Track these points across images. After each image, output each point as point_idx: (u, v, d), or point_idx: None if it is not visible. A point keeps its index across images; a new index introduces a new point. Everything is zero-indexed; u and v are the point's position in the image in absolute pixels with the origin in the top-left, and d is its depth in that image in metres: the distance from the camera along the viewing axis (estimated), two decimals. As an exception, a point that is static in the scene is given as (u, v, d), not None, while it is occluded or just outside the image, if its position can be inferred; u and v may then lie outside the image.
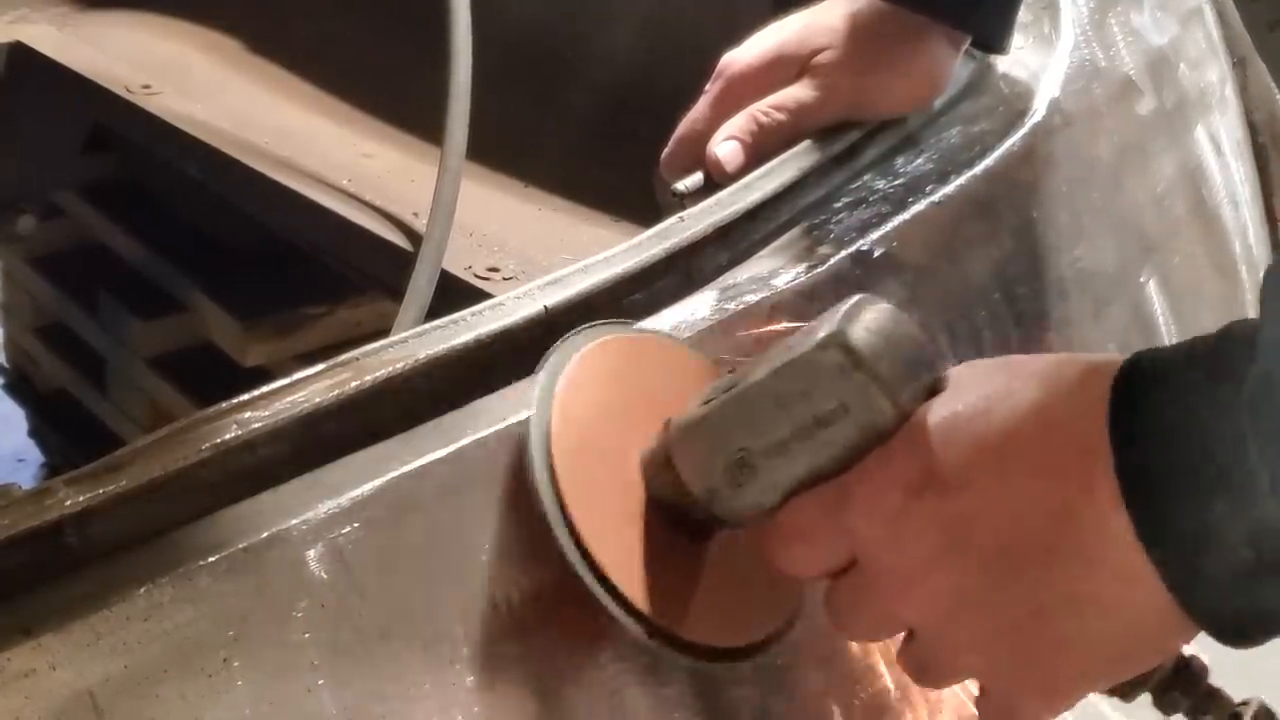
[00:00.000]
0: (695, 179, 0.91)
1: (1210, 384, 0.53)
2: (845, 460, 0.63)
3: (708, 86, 0.95)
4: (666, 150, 0.95)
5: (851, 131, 0.94)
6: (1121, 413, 0.55)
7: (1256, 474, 0.51)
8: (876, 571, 0.61)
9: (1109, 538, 0.55)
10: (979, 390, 0.60)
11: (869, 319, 0.63)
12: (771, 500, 0.65)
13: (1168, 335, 1.07)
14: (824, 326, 0.63)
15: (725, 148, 0.91)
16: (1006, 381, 0.60)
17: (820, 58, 0.92)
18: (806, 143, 0.91)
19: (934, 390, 0.63)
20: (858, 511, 0.61)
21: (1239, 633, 0.56)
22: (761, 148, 0.91)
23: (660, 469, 0.68)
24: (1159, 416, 0.54)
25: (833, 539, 0.63)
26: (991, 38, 0.98)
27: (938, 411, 0.60)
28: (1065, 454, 0.56)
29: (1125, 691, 0.64)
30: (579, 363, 0.71)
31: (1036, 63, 1.09)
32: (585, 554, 0.67)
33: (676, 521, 0.69)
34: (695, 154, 0.93)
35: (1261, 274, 0.55)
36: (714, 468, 0.66)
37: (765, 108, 0.91)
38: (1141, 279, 1.07)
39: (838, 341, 0.62)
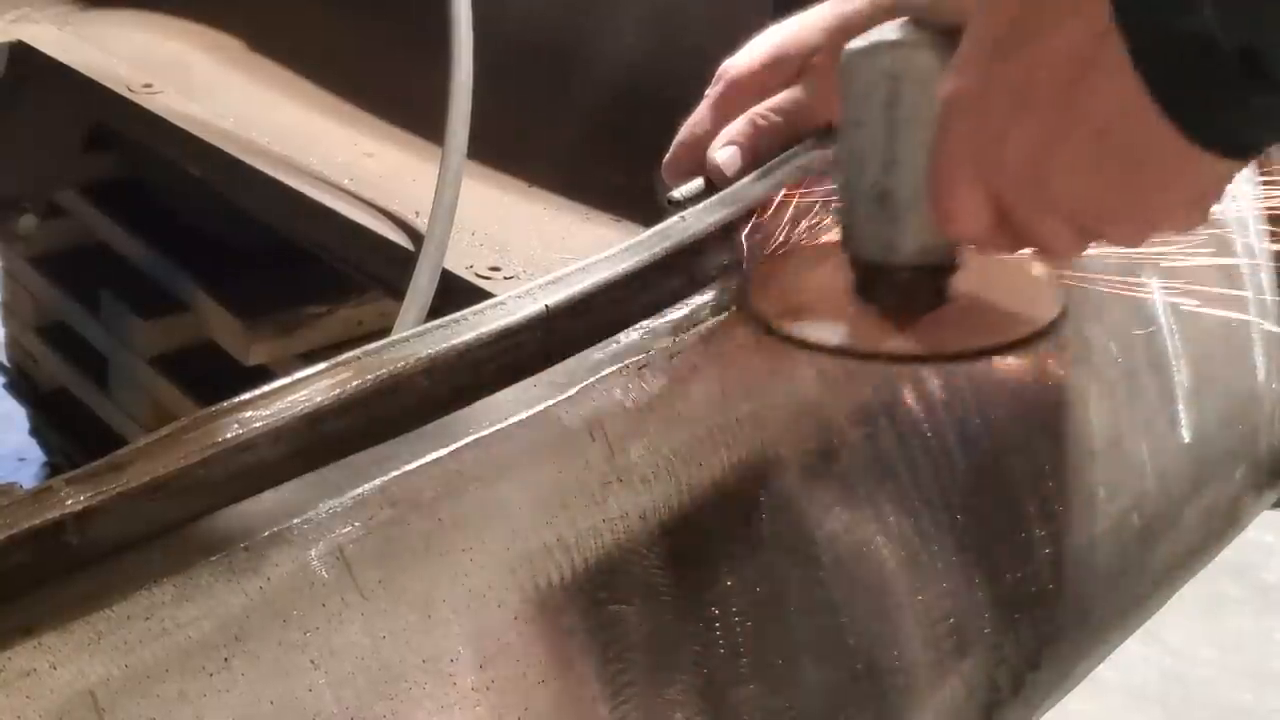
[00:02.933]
0: (693, 185, 0.91)
1: None
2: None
3: (707, 91, 0.95)
4: (667, 156, 0.95)
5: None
6: None
7: None
8: (997, 151, 0.65)
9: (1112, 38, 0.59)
10: None
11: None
12: (923, 204, 0.70)
13: (1168, 335, 1.07)
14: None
15: (724, 153, 0.91)
16: None
17: (817, 59, 0.92)
18: (807, 142, 0.91)
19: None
20: (965, 112, 0.66)
21: (1230, 139, 0.60)
22: (760, 151, 0.91)
23: (860, 271, 0.76)
24: None
25: (965, 159, 0.67)
26: None
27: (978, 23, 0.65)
28: None
29: None
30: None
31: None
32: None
33: (906, 302, 0.76)
34: (696, 159, 0.93)
35: (1262, 274, 0.56)
36: (872, 223, 0.73)
37: (763, 111, 0.91)
38: (1142, 276, 1.07)
39: (844, 51, 0.72)
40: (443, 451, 0.69)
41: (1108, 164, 0.63)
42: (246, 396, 0.68)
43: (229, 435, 0.65)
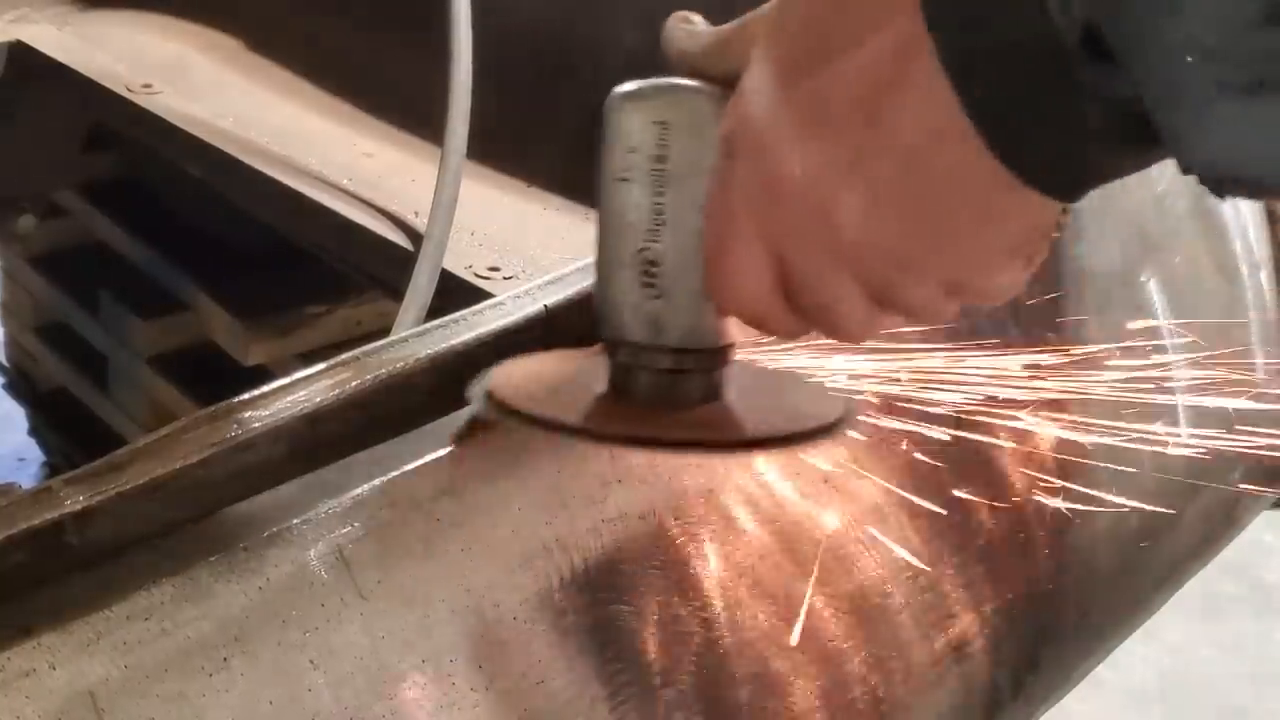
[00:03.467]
0: None
1: None
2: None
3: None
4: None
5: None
6: None
7: None
8: (778, 193, 0.56)
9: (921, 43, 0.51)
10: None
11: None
12: (695, 276, 0.61)
13: (1169, 334, 1.07)
14: None
15: None
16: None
17: None
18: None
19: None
20: (743, 157, 0.57)
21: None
22: None
23: (622, 359, 0.64)
24: None
25: (745, 222, 0.58)
26: None
27: (763, 45, 0.57)
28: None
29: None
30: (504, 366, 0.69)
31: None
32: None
33: (668, 396, 0.64)
34: None
35: (1262, 274, 0.53)
36: (634, 298, 0.62)
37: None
38: (1142, 278, 1.07)
39: (610, 97, 0.62)
40: (442, 451, 0.69)
41: (910, 200, 0.54)
42: (246, 397, 0.68)
43: (228, 435, 0.65)
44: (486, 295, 0.80)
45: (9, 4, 1.69)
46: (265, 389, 0.68)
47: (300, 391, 0.68)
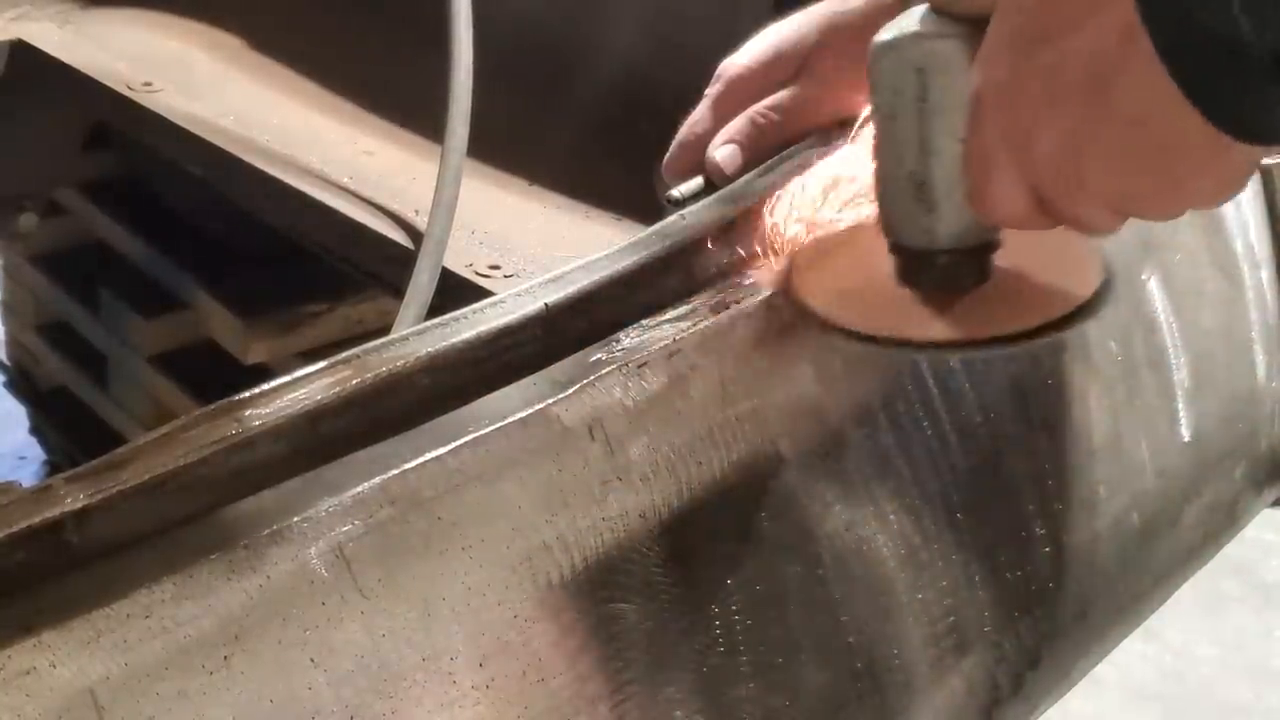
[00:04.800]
0: (692, 184, 0.91)
1: None
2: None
3: (707, 90, 0.95)
4: (668, 155, 0.95)
5: (853, 128, 0.94)
6: None
7: None
8: (1032, 136, 0.66)
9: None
10: None
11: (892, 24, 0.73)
12: (960, 191, 0.71)
13: (1169, 334, 1.07)
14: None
15: (723, 152, 0.91)
16: None
17: (816, 56, 0.92)
18: (809, 140, 0.91)
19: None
20: (997, 103, 0.66)
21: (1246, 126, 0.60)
22: (760, 149, 0.91)
23: (901, 258, 0.76)
24: None
25: (999, 148, 0.67)
26: None
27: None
28: None
29: None
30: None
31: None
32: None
33: (948, 284, 0.76)
34: (696, 158, 0.93)
35: (1263, 273, 0.56)
36: (910, 212, 0.73)
37: (762, 109, 0.91)
38: (1143, 277, 1.07)
39: (871, 46, 0.73)
40: (442, 450, 0.69)
41: (1140, 156, 0.64)
42: (246, 395, 0.68)
43: (228, 433, 0.65)
44: (487, 294, 0.80)
45: (10, 2, 1.69)
46: (265, 387, 0.68)
47: (301, 390, 0.68)
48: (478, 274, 1.22)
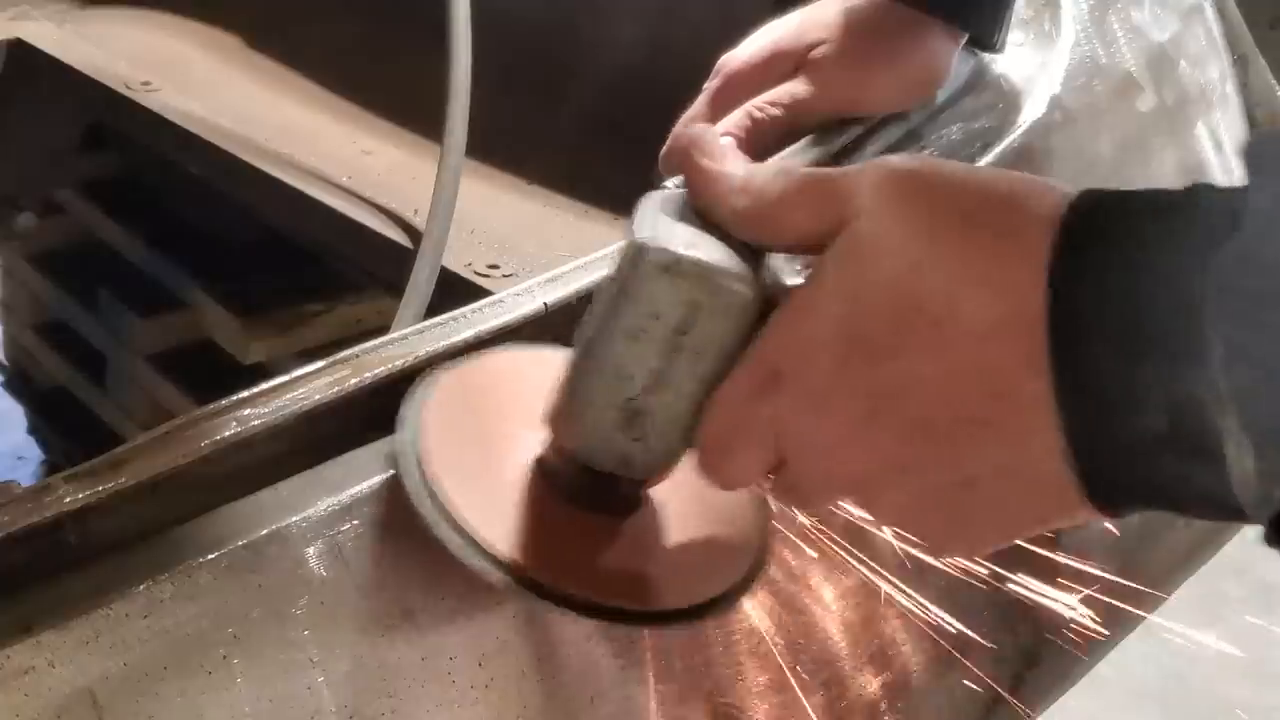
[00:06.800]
0: None
1: (1169, 243, 0.48)
2: (731, 353, 0.59)
3: (706, 84, 0.95)
4: (664, 149, 0.95)
5: (854, 127, 0.94)
6: (1064, 258, 0.50)
7: (1208, 344, 0.47)
8: (802, 446, 0.57)
9: (1043, 409, 0.50)
10: (902, 238, 0.53)
11: (663, 218, 0.61)
12: (680, 434, 0.61)
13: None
14: (627, 247, 0.60)
15: None
16: (931, 228, 0.53)
17: (816, 52, 0.92)
18: (808, 138, 0.91)
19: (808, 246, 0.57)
20: (785, 388, 0.56)
21: (1119, 499, 0.52)
22: (757, 144, 0.90)
23: (564, 461, 0.65)
24: (1103, 265, 0.49)
25: (761, 430, 0.58)
26: (984, 35, 0.98)
27: (852, 269, 0.54)
28: (1006, 319, 0.51)
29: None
30: (438, 389, 0.69)
31: (1037, 59, 1.09)
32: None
33: (599, 502, 0.66)
34: None
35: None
36: (609, 435, 0.62)
37: (760, 104, 0.91)
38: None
39: (643, 250, 0.59)
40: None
41: (971, 510, 0.54)
42: (245, 394, 0.68)
43: (227, 433, 0.65)
44: (486, 293, 0.80)
45: (7, 1, 1.69)
46: (264, 386, 0.68)
47: (299, 389, 0.68)
48: (476, 273, 1.21)
